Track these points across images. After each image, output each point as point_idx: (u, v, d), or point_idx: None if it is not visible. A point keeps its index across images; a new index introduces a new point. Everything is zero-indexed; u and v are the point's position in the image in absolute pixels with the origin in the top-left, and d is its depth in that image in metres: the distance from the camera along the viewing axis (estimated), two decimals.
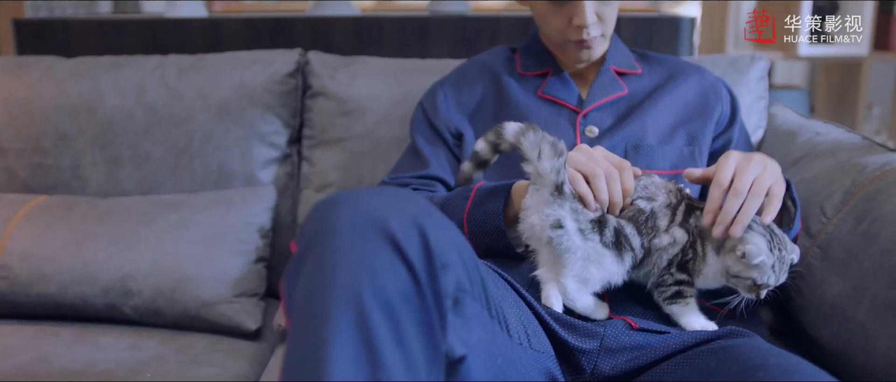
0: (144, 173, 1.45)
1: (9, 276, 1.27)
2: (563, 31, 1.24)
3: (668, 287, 1.01)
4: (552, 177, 0.96)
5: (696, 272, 1.00)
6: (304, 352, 0.67)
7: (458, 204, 1.13)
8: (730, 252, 0.97)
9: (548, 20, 1.25)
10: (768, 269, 0.95)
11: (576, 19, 1.21)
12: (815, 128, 1.42)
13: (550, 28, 1.25)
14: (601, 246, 0.98)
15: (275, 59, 1.48)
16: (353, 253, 0.69)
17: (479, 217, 1.10)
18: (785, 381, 0.78)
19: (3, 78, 1.48)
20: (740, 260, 0.96)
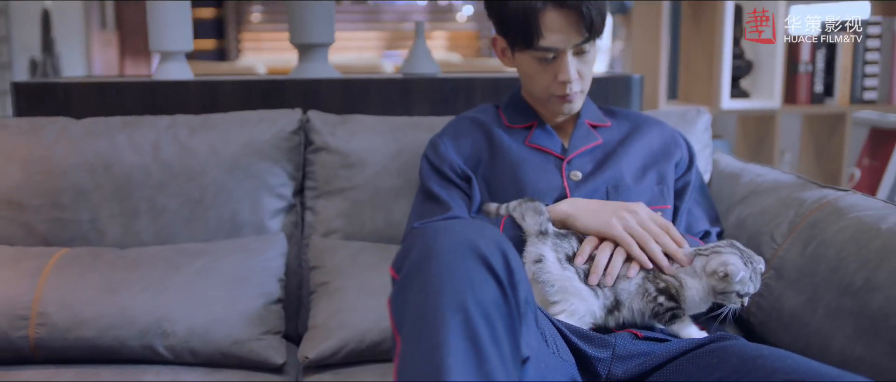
0: (161, 225, 1.55)
1: (47, 323, 1.35)
2: (549, 87, 1.43)
3: (664, 314, 1.20)
4: (535, 228, 1.23)
5: (682, 298, 1.20)
6: (421, 353, 0.81)
7: None
8: (712, 275, 1.18)
9: (535, 77, 1.44)
10: (747, 280, 1.16)
11: (560, 75, 1.40)
12: (755, 170, 1.66)
13: (537, 84, 1.44)
14: (577, 279, 1.18)
15: (279, 118, 1.62)
16: (455, 271, 0.84)
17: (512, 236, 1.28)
18: (781, 366, 0.98)
19: (20, 138, 1.56)
20: (723, 279, 1.16)
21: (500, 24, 1.43)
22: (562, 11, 1.33)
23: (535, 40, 1.36)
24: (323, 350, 1.37)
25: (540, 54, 1.38)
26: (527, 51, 1.39)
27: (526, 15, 1.34)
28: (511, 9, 1.36)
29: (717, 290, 1.18)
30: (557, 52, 1.37)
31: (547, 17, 1.34)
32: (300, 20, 1.89)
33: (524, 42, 1.38)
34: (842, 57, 2.43)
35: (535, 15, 1.33)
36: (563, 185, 1.42)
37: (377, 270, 1.47)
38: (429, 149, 1.51)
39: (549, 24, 1.34)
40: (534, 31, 1.35)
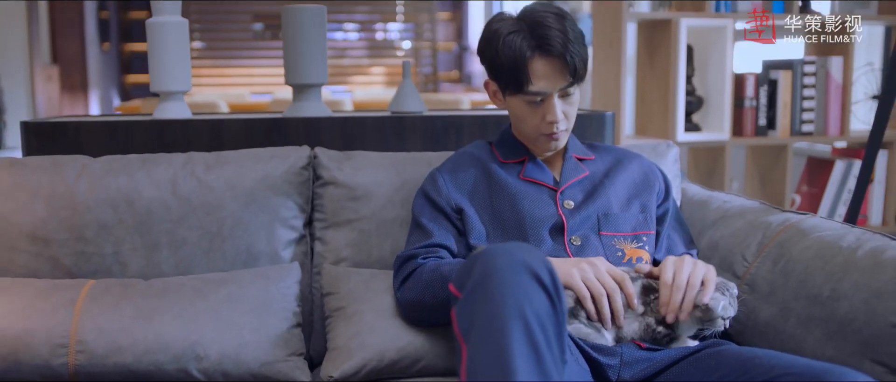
0: (181, 256, 1.64)
1: (86, 350, 1.43)
2: (538, 126, 1.58)
3: (663, 337, 1.36)
4: None
5: (676, 325, 1.37)
6: (489, 356, 0.95)
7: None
8: (695, 309, 1.36)
9: (525, 118, 1.59)
10: (728, 307, 1.34)
11: (548, 116, 1.56)
12: (721, 197, 1.84)
13: (527, 124, 1.60)
14: (584, 327, 1.34)
15: (290, 155, 1.74)
16: (513, 285, 0.98)
17: None
18: (777, 363, 1.14)
19: (43, 176, 1.64)
20: (706, 311, 1.34)
21: (493, 71, 1.58)
22: (548, 60, 1.49)
23: (525, 86, 1.51)
24: (345, 369, 1.49)
25: (529, 98, 1.53)
26: (517, 95, 1.54)
27: (516, 64, 1.50)
28: (503, 58, 1.51)
29: (704, 319, 1.36)
30: (545, 96, 1.53)
31: (535, 65, 1.49)
32: (295, 62, 2.00)
33: (515, 87, 1.53)
34: (782, 93, 2.67)
35: (525, 63, 1.49)
36: (559, 213, 1.57)
37: (389, 294, 1.59)
38: (427, 181, 1.65)
39: (537, 72, 1.50)
40: (524, 78, 1.51)
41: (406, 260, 1.53)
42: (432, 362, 1.53)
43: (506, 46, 1.50)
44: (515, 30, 1.49)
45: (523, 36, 1.48)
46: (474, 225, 1.56)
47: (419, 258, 1.51)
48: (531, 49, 1.47)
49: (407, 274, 1.50)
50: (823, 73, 2.68)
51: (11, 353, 1.42)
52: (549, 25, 1.47)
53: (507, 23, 1.52)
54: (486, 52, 1.57)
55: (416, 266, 1.49)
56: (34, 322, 1.45)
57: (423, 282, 1.46)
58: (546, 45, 1.47)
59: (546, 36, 1.47)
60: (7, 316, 1.46)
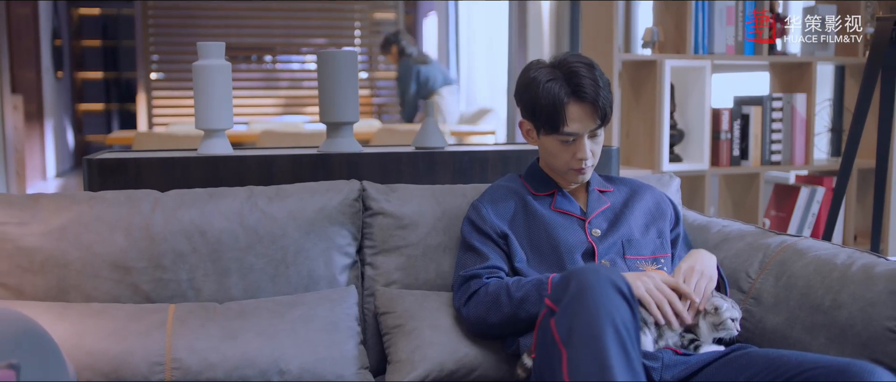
0: (249, 281, 1.81)
1: (181, 367, 1.59)
2: (568, 162, 1.80)
3: (690, 344, 1.59)
4: None
5: (699, 333, 1.60)
6: (589, 357, 1.15)
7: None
8: (707, 314, 1.59)
9: (557, 154, 1.80)
10: (731, 308, 1.59)
11: (578, 154, 1.78)
12: (720, 223, 2.09)
13: (558, 160, 1.81)
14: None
15: (343, 188, 1.92)
16: (604, 298, 1.19)
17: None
18: (802, 359, 1.37)
19: (121, 209, 1.79)
20: (715, 313, 1.59)
21: (531, 112, 1.79)
22: (582, 105, 1.72)
23: (561, 127, 1.73)
24: (410, 379, 1.67)
25: (563, 137, 1.75)
26: (552, 134, 1.76)
27: (554, 108, 1.71)
28: (541, 101, 1.73)
29: (716, 324, 1.60)
30: (577, 136, 1.75)
31: (570, 109, 1.72)
32: (330, 102, 2.18)
33: (551, 128, 1.75)
34: (753, 126, 2.95)
35: (562, 107, 1.71)
36: (589, 240, 1.79)
37: (442, 311, 1.78)
38: (472, 211, 1.85)
39: (572, 115, 1.72)
40: (560, 121, 1.72)
41: (469, 280, 1.73)
42: (486, 371, 1.73)
43: (545, 92, 1.71)
44: (553, 78, 1.71)
45: (560, 83, 1.70)
46: (516, 251, 1.77)
47: (483, 278, 1.71)
48: (567, 95, 1.69)
49: (472, 292, 1.70)
50: (789, 108, 2.98)
51: (113, 371, 1.57)
52: (583, 74, 1.70)
53: (544, 71, 1.73)
54: (525, 96, 1.78)
55: (481, 285, 1.69)
56: (131, 343, 1.60)
57: (488, 300, 1.66)
58: (580, 92, 1.69)
59: (580, 84, 1.69)
60: (106, 338, 1.60)
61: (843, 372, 1.28)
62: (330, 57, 2.18)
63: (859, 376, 1.26)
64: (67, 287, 1.73)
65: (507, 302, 1.62)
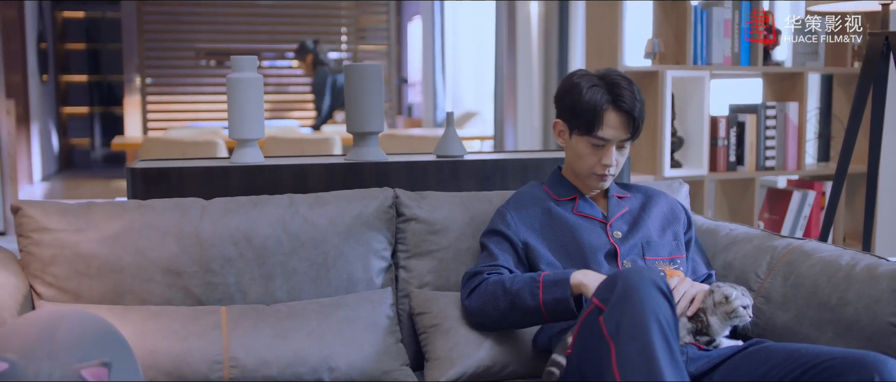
0: (292, 284, 1.92)
1: (238, 365, 1.69)
2: (593, 167, 1.92)
3: (707, 345, 1.72)
4: None
5: (711, 331, 1.72)
6: (637, 350, 1.28)
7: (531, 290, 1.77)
8: (719, 304, 1.71)
9: (585, 157, 1.92)
10: (741, 296, 1.70)
11: (604, 160, 1.91)
12: (727, 226, 2.22)
13: (584, 163, 1.93)
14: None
15: (378, 195, 2.04)
16: (649, 297, 1.32)
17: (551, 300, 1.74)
18: (818, 351, 1.50)
19: (171, 216, 1.89)
20: (727, 301, 1.70)
21: (569, 114, 1.90)
22: (619, 113, 1.85)
23: (596, 130, 1.86)
24: (450, 375, 1.79)
25: (595, 141, 1.88)
26: (585, 136, 1.88)
27: (594, 110, 1.84)
28: (584, 103, 1.85)
29: (728, 312, 1.71)
30: (607, 142, 1.88)
31: (608, 115, 1.85)
32: (357, 113, 2.30)
33: (587, 129, 1.87)
34: (749, 133, 3.10)
35: (601, 112, 1.84)
36: (611, 242, 1.92)
37: None
38: (497, 217, 1.97)
39: (608, 121, 1.85)
40: (597, 123, 1.85)
41: (473, 276, 1.86)
42: (518, 367, 1.85)
43: (588, 95, 1.84)
44: (596, 84, 1.84)
45: (602, 91, 1.83)
46: (543, 254, 1.89)
47: (485, 274, 1.84)
48: (607, 102, 1.82)
49: (473, 287, 1.83)
50: (782, 116, 3.13)
51: (176, 370, 1.68)
52: (623, 87, 1.84)
53: (588, 78, 1.87)
54: (566, 98, 1.90)
55: (482, 280, 1.82)
56: (191, 343, 1.71)
57: (487, 294, 1.79)
58: (620, 101, 1.82)
59: (620, 94, 1.82)
60: (167, 338, 1.71)
61: (857, 363, 1.42)
62: (357, 70, 2.29)
63: (873, 366, 1.40)
64: (123, 290, 1.83)
65: (503, 294, 1.76)
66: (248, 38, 9.06)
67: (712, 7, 3.00)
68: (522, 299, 1.75)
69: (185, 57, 8.98)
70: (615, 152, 1.90)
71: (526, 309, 1.72)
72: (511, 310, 1.75)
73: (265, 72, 9.43)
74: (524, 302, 1.72)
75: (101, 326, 1.45)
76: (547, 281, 1.75)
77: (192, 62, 9.12)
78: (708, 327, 1.72)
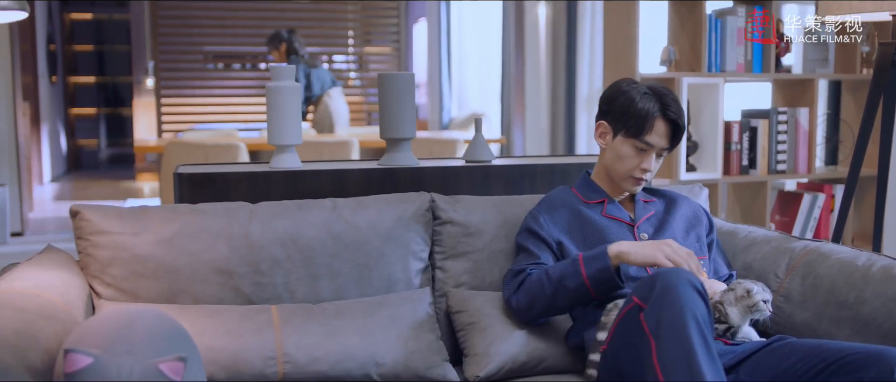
0: (337, 284, 2.02)
1: (291, 361, 1.80)
2: (632, 170, 2.02)
3: (725, 332, 1.82)
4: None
5: (730, 319, 1.82)
6: (676, 346, 1.39)
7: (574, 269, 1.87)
8: (740, 298, 1.82)
9: (625, 159, 2.02)
10: (762, 290, 1.81)
11: (644, 164, 2.01)
12: (746, 229, 2.33)
13: (624, 165, 2.02)
14: None
15: (415, 199, 2.14)
16: (686, 295, 1.43)
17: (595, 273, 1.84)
18: (841, 346, 1.60)
19: (221, 220, 1.99)
20: (748, 295, 1.80)
21: (621, 116, 1.99)
22: (666, 123, 1.96)
23: (644, 134, 1.96)
24: (488, 370, 1.90)
25: (640, 145, 1.98)
26: (630, 139, 1.98)
27: (645, 116, 1.95)
28: (636, 108, 1.96)
29: (749, 306, 1.82)
30: (650, 148, 1.98)
31: (657, 122, 1.96)
32: (391, 120, 2.39)
33: (634, 133, 1.97)
34: (761, 137, 3.21)
35: (652, 118, 1.95)
36: None
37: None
38: (530, 219, 2.08)
39: (656, 128, 1.96)
40: (645, 128, 1.96)
41: (516, 274, 1.96)
42: (552, 362, 1.96)
43: (641, 102, 1.95)
44: (647, 93, 1.96)
45: (654, 101, 1.95)
46: (567, 254, 2.00)
47: (527, 271, 1.94)
48: (658, 111, 1.94)
49: (518, 283, 1.94)
50: (793, 121, 3.24)
51: (233, 365, 1.78)
52: (672, 100, 1.96)
53: (639, 88, 1.99)
54: (617, 102, 2.00)
55: (525, 276, 1.93)
56: (246, 340, 1.81)
57: (532, 288, 1.90)
58: (668, 112, 1.94)
59: (669, 105, 1.94)
60: (224, 336, 1.81)
61: (877, 357, 1.53)
62: (391, 79, 2.39)
63: (892, 360, 1.50)
64: (177, 290, 1.93)
65: (548, 282, 1.87)
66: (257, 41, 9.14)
67: (726, 16, 3.10)
68: (567, 281, 1.86)
69: (193, 59, 9.06)
70: (654, 159, 2.00)
71: (572, 289, 1.84)
72: (558, 295, 1.86)
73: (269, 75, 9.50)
74: (569, 283, 1.84)
75: (171, 324, 1.55)
76: (587, 258, 1.87)
77: (200, 64, 9.20)
78: (726, 316, 1.82)
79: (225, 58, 9.30)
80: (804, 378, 1.64)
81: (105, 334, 1.47)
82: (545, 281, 1.89)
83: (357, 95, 9.43)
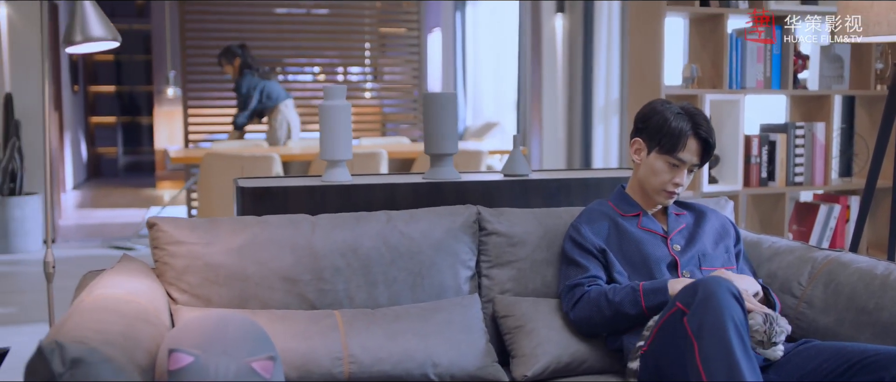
0: (393, 291, 2.18)
1: (357, 362, 1.96)
2: (665, 184, 2.18)
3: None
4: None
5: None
6: (716, 346, 1.54)
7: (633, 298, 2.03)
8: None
9: (659, 174, 2.18)
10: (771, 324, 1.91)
11: (676, 179, 2.17)
12: (769, 239, 2.48)
13: (657, 179, 2.18)
14: None
15: (463, 212, 2.30)
16: (726, 301, 1.59)
17: (654, 305, 2.00)
18: (864, 348, 1.75)
19: (286, 231, 2.15)
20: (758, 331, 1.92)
21: (656, 133, 2.15)
22: (698, 140, 2.12)
23: (676, 152, 2.12)
24: (535, 370, 2.05)
25: (673, 161, 2.14)
26: (664, 155, 2.14)
27: (679, 134, 2.11)
28: (671, 128, 2.12)
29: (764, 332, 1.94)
30: (682, 164, 2.14)
31: (690, 140, 2.12)
32: (435, 137, 2.56)
33: (668, 150, 2.13)
34: (779, 151, 3.36)
35: (685, 136, 2.11)
36: (672, 254, 2.18)
37: (554, 315, 2.17)
38: (572, 231, 2.23)
39: (689, 145, 2.12)
40: (678, 146, 2.12)
41: (573, 288, 2.12)
42: (593, 363, 2.12)
43: (675, 121, 2.11)
44: (681, 113, 2.12)
45: (686, 120, 2.11)
46: (614, 263, 2.16)
47: (585, 286, 2.10)
48: (690, 130, 2.10)
49: (577, 299, 2.09)
50: (810, 135, 3.39)
51: (303, 365, 1.94)
52: (703, 120, 2.13)
53: (672, 108, 2.15)
54: (653, 120, 2.16)
55: (583, 292, 2.08)
56: (315, 342, 1.97)
57: (591, 305, 2.05)
58: (700, 131, 2.10)
59: (701, 125, 2.11)
60: (294, 338, 1.97)
61: None
62: (435, 98, 2.56)
63: None
64: (247, 296, 2.09)
65: (607, 305, 2.02)
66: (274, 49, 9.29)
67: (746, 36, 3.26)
68: (626, 308, 2.03)
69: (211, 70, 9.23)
70: (686, 175, 2.16)
71: (632, 316, 2.00)
72: (617, 318, 2.02)
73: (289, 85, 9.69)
74: (629, 310, 2.00)
75: (256, 327, 1.72)
76: (647, 291, 2.02)
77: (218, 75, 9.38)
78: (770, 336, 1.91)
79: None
80: (829, 378, 1.79)
81: (201, 335, 1.63)
82: (604, 303, 2.05)
83: (373, 105, 9.58)
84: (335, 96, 2.52)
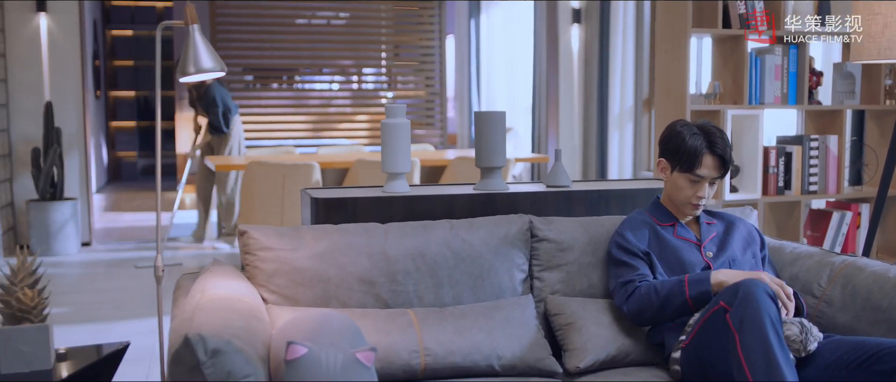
0: (456, 291, 2.43)
1: (431, 354, 2.21)
2: (689, 198, 2.44)
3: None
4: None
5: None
6: (756, 340, 1.80)
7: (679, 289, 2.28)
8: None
9: (683, 190, 2.44)
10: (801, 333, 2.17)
11: (699, 193, 2.42)
12: (790, 245, 2.74)
13: (683, 194, 2.45)
14: None
15: (517, 220, 2.56)
16: (763, 300, 1.84)
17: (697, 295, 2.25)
18: (883, 342, 2.00)
19: (361, 238, 2.41)
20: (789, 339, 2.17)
21: (675, 153, 2.41)
22: (714, 156, 2.37)
23: (695, 169, 2.38)
24: (586, 362, 2.31)
25: (694, 177, 2.40)
26: (685, 173, 2.40)
27: (695, 153, 2.36)
28: (687, 147, 2.37)
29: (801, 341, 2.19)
30: (702, 179, 2.40)
31: (706, 157, 2.37)
32: (486, 151, 2.81)
33: (687, 168, 2.39)
34: (795, 162, 3.62)
35: (701, 155, 2.36)
36: (705, 260, 2.44)
37: (601, 313, 2.42)
38: (618, 237, 2.49)
39: (706, 162, 2.37)
40: (696, 164, 2.37)
41: (625, 285, 2.37)
42: (637, 356, 2.37)
43: (690, 142, 2.36)
44: (697, 133, 2.36)
45: (701, 139, 2.35)
46: (657, 266, 2.41)
47: (636, 282, 2.35)
48: (705, 147, 2.35)
49: (629, 293, 2.34)
50: (824, 147, 3.65)
51: (385, 357, 2.19)
52: (718, 136, 2.37)
53: (689, 127, 2.39)
54: (671, 142, 2.41)
55: (634, 288, 2.34)
56: (394, 338, 2.22)
57: (642, 299, 2.31)
58: (715, 148, 2.35)
59: (715, 142, 2.35)
60: (375, 333, 2.22)
61: None
62: (485, 116, 2.81)
63: None
64: (329, 297, 2.34)
65: (656, 297, 2.28)
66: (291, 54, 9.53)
67: (765, 55, 3.52)
68: (673, 299, 2.26)
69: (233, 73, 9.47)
70: (707, 187, 2.42)
71: (677, 305, 2.24)
72: (665, 308, 2.27)
73: (305, 93, 9.94)
74: (675, 300, 2.24)
75: (352, 323, 1.97)
76: (692, 281, 2.26)
77: (240, 81, 9.63)
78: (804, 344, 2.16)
79: (261, 70, 9.73)
80: (850, 367, 2.05)
81: (309, 330, 1.89)
82: (653, 296, 2.30)
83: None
84: (396, 115, 2.77)
